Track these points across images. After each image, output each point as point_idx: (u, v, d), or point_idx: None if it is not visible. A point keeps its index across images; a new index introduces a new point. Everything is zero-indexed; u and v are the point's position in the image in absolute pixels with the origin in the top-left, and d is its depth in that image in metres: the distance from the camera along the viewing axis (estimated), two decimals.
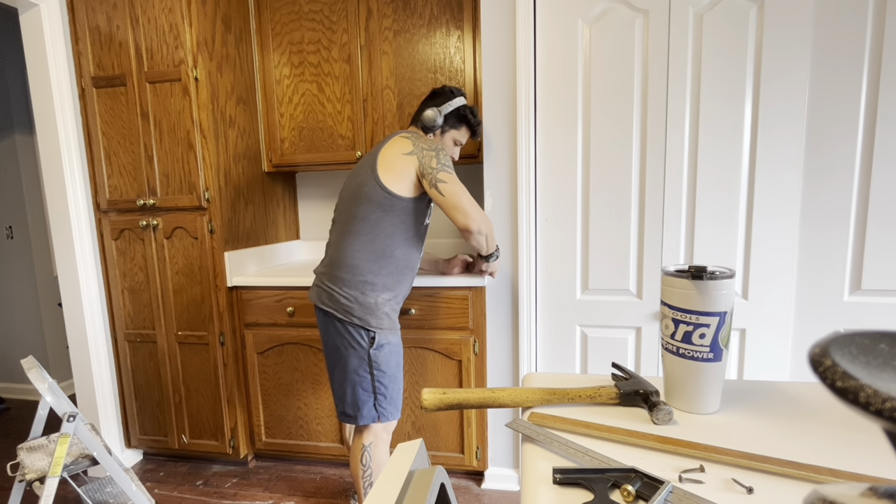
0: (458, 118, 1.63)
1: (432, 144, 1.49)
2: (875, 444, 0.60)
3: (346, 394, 1.53)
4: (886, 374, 0.29)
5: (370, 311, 1.49)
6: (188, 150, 1.97)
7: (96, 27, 1.99)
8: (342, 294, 1.49)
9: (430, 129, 1.61)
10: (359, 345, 1.49)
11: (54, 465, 1.45)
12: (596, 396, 0.73)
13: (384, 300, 1.51)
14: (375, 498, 0.41)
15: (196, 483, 2.12)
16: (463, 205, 1.44)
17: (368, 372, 1.51)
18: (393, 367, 1.54)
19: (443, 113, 1.59)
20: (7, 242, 2.99)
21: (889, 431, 0.28)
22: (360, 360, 1.50)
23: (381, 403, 1.53)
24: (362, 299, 1.48)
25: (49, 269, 3.02)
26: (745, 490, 0.52)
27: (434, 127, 1.60)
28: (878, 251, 1.58)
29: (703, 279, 0.66)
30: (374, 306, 1.49)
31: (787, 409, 0.70)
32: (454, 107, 1.60)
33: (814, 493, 0.31)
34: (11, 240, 2.98)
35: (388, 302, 1.52)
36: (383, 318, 1.51)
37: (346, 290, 1.49)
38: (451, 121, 1.63)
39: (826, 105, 1.57)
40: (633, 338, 1.79)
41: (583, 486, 0.54)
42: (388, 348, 1.52)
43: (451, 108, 1.60)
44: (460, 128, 1.66)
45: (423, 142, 1.49)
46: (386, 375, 1.53)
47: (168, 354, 2.14)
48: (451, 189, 1.44)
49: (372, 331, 1.49)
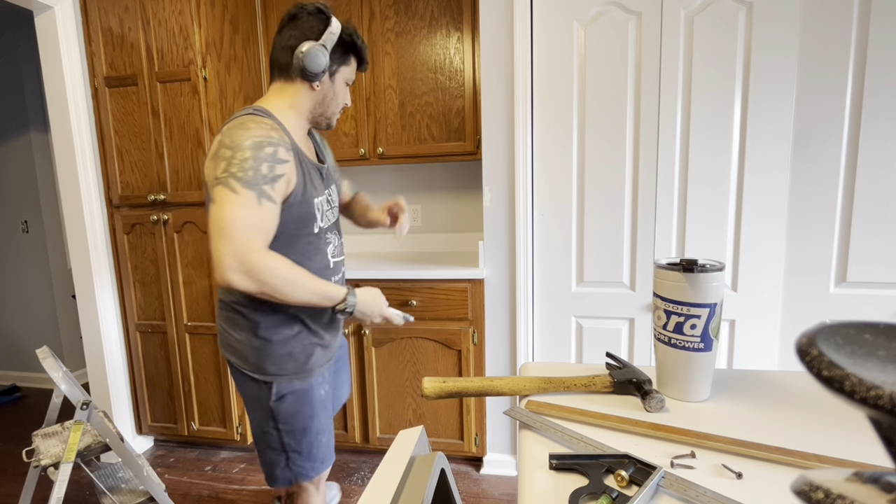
0: (345, 48, 1.15)
1: (239, 139, 1.02)
2: (860, 430, 0.62)
3: (259, 453, 1.26)
4: (871, 364, 0.29)
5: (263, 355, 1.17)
6: (197, 147, 2.04)
7: (109, 29, 2.06)
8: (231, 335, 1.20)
9: (315, 76, 1.12)
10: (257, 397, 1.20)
11: (68, 451, 1.48)
12: (591, 385, 0.75)
13: (281, 339, 1.17)
14: (378, 483, 0.42)
15: (205, 469, 2.20)
16: (217, 233, 0.99)
17: (274, 427, 1.21)
18: (304, 420, 1.21)
19: (328, 48, 1.10)
20: (23, 236, 3.07)
21: (873, 418, 0.29)
22: (263, 414, 1.21)
23: (296, 462, 1.23)
24: (252, 341, 1.17)
25: (63, 262, 3.10)
26: (735, 475, 0.53)
27: (321, 72, 1.11)
28: (863, 245, 1.63)
29: (694, 272, 0.68)
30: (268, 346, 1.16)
31: (775, 398, 0.71)
32: (336, 35, 1.11)
33: (801, 479, 0.31)
34: (27, 234, 3.06)
35: (291, 340, 1.18)
36: (284, 362, 1.18)
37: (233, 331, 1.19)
38: (337, 55, 1.14)
39: (812, 104, 1.62)
40: (627, 328, 1.85)
41: (578, 472, 0.55)
42: (291, 398, 1.19)
43: (334, 39, 1.11)
44: (349, 61, 1.19)
45: (234, 133, 1.03)
46: (296, 431, 1.21)
47: (178, 344, 2.21)
48: (214, 212, 1.00)
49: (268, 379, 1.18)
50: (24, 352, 3.25)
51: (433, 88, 2.15)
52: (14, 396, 3.05)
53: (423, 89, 2.16)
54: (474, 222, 2.52)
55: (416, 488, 0.42)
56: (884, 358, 0.30)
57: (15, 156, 2.99)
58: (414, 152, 2.21)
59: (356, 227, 2.72)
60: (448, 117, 2.16)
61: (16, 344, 3.25)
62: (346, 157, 2.28)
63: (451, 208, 2.54)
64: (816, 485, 0.30)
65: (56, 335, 3.15)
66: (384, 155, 2.24)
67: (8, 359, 3.29)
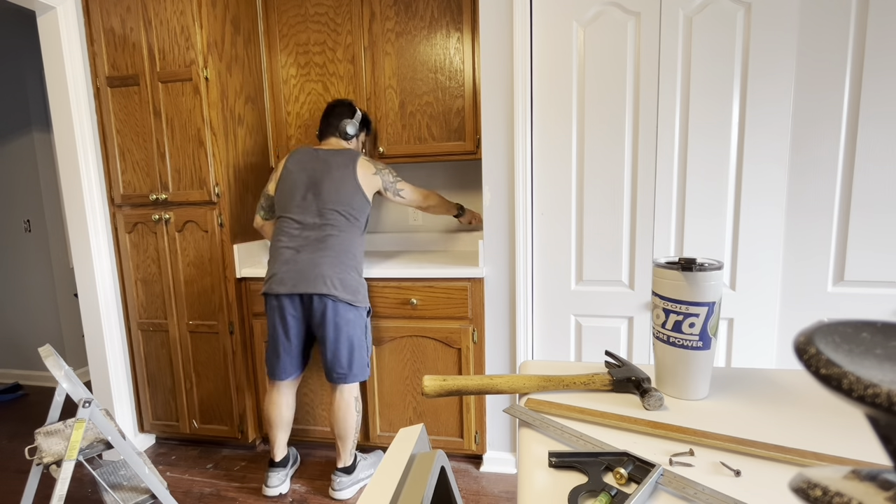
0: (365, 124, 2.09)
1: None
2: (857, 428, 0.62)
3: (354, 362, 1.88)
4: (868, 362, 0.29)
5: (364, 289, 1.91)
6: (199, 146, 2.05)
7: (111, 29, 2.07)
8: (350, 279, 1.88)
9: (351, 137, 2.00)
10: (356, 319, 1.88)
11: (70, 449, 1.49)
12: (590, 383, 0.75)
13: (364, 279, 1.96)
14: (379, 480, 0.42)
15: (206, 466, 2.21)
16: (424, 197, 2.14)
17: (366, 336, 1.92)
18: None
19: (356, 123, 2.00)
20: (25, 235, 3.09)
21: (870, 416, 0.29)
22: (361, 330, 1.90)
23: (368, 361, 1.95)
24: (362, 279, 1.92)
25: (65, 260, 3.11)
26: (733, 473, 0.53)
27: (355, 135, 2.01)
28: (861, 243, 1.64)
29: (693, 271, 0.68)
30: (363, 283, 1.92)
31: (774, 396, 0.72)
32: (360, 116, 2.03)
33: (799, 476, 0.31)
34: (29, 233, 3.07)
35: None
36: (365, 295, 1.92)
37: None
38: (362, 127, 2.08)
39: (810, 103, 1.62)
40: (626, 327, 1.86)
41: (577, 469, 0.55)
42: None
43: (360, 117, 2.03)
44: (368, 132, 2.15)
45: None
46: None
47: (180, 343, 2.23)
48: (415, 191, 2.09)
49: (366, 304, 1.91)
50: (26, 350, 3.26)
51: (433, 88, 2.16)
52: (16, 394, 3.07)
53: (424, 89, 2.17)
54: None
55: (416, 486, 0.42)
56: (881, 356, 0.30)
57: (17, 155, 3.01)
58: (414, 152, 2.22)
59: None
60: (448, 117, 2.17)
61: (18, 342, 3.26)
62: None
63: None
64: (814, 482, 0.30)
65: (58, 333, 3.16)
66: (384, 154, 2.25)
67: (10, 357, 3.30)
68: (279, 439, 1.97)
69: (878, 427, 0.29)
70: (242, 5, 2.20)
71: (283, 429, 1.96)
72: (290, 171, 1.90)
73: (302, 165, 1.90)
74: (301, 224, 1.86)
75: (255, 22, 2.30)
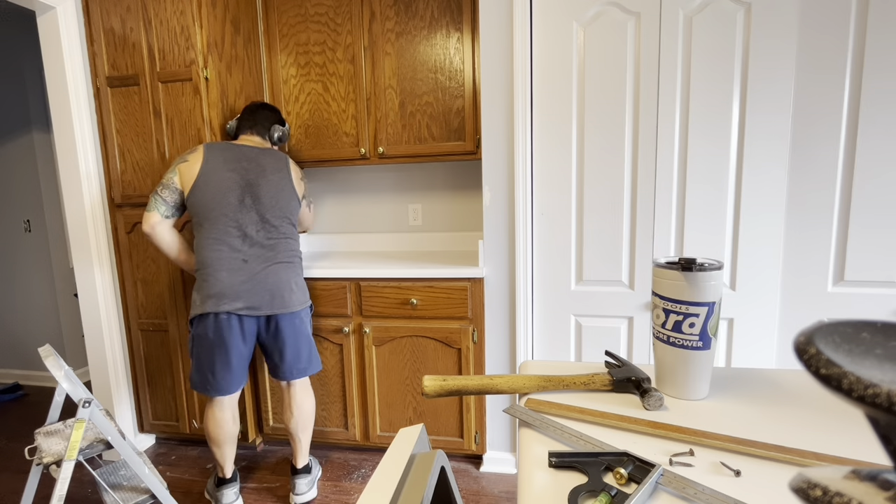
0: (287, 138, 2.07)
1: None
2: (857, 428, 0.62)
3: (312, 359, 1.92)
4: (868, 362, 0.29)
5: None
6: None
7: (111, 29, 2.07)
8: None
9: (275, 145, 2.01)
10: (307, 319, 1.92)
11: (70, 449, 1.48)
12: (590, 383, 0.75)
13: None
14: (379, 480, 0.42)
15: (206, 466, 2.21)
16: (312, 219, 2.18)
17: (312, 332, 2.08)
18: None
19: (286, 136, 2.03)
20: (25, 236, 3.09)
21: (871, 416, 0.29)
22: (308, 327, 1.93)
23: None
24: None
25: (65, 261, 3.11)
26: (733, 473, 0.53)
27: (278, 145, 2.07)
28: (861, 244, 1.64)
29: (693, 271, 0.68)
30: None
31: (774, 396, 0.72)
32: (288, 130, 2.05)
33: (799, 476, 0.31)
34: (29, 233, 3.07)
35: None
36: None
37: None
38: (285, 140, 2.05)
39: (810, 104, 1.62)
40: (626, 327, 1.86)
41: (577, 470, 0.55)
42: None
43: (288, 132, 2.05)
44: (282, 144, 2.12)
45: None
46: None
47: (179, 343, 2.23)
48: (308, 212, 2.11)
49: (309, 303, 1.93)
50: (26, 350, 3.26)
51: (433, 88, 2.16)
52: (16, 394, 3.07)
53: (424, 89, 2.17)
54: (474, 221, 2.53)
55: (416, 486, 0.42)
56: (881, 356, 0.30)
57: (17, 155, 3.00)
58: (414, 152, 2.22)
59: (356, 226, 2.72)
60: (448, 117, 2.17)
61: (18, 342, 3.26)
62: (346, 157, 2.29)
63: (451, 208, 2.55)
64: (814, 482, 0.30)
65: (58, 333, 3.16)
66: (384, 154, 2.25)
67: (10, 357, 3.30)
68: (228, 455, 1.85)
69: (878, 427, 0.29)
70: (242, 5, 2.20)
71: (230, 444, 1.84)
72: (214, 168, 1.72)
73: (229, 165, 1.73)
74: (242, 231, 1.72)
75: (255, 22, 2.30)
